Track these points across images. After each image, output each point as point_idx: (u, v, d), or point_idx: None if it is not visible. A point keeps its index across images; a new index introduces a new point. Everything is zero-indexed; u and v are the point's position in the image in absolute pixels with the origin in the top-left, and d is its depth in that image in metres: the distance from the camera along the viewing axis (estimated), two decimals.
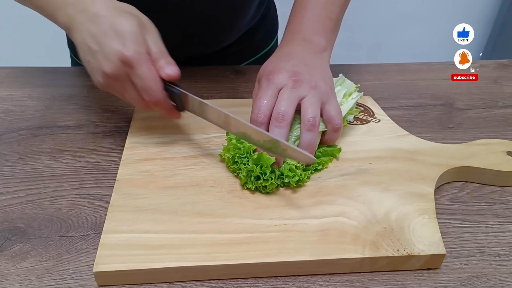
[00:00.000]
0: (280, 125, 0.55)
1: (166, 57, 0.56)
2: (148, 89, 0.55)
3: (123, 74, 0.54)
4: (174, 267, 0.45)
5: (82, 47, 0.55)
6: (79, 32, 0.55)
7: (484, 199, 0.59)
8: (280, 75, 0.59)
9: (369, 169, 0.59)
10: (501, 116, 0.78)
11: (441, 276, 0.48)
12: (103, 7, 0.54)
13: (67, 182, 0.58)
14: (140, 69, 0.54)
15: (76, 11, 0.55)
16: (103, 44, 0.53)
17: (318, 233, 0.49)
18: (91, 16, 0.54)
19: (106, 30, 0.53)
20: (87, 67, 0.57)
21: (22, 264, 0.47)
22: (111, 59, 0.53)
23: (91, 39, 0.53)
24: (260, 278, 0.47)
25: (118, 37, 0.53)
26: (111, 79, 0.55)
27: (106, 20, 0.53)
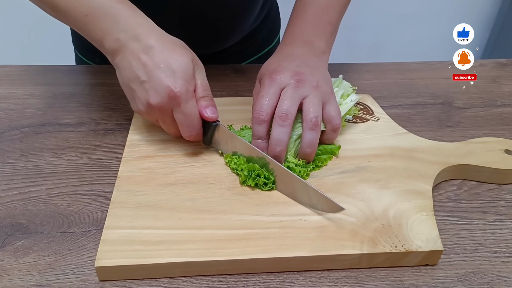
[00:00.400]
0: (283, 124, 0.56)
1: (209, 98, 0.59)
2: (190, 125, 0.58)
3: (167, 108, 0.56)
4: (174, 262, 0.45)
5: (126, 74, 0.56)
6: (126, 58, 0.56)
7: (482, 196, 0.59)
8: (283, 74, 0.59)
9: (367, 167, 0.60)
10: (499, 115, 0.78)
11: (438, 272, 0.48)
12: (158, 39, 0.56)
13: (68, 179, 0.59)
14: (185, 107, 0.56)
15: (128, 38, 0.55)
16: (153, 76, 0.54)
17: (317, 230, 0.49)
18: (145, 47, 0.55)
19: (158, 63, 0.54)
20: (127, 92, 0.59)
21: (24, 259, 0.47)
22: (159, 93, 0.54)
23: (142, 68, 0.55)
24: (259, 274, 0.47)
25: (170, 72, 0.55)
26: (153, 110, 0.57)
27: (161, 54, 0.55)
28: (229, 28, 0.89)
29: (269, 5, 0.99)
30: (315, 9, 0.69)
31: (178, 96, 0.55)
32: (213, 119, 0.59)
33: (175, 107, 0.56)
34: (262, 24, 0.98)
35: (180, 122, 0.58)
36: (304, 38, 0.67)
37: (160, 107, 0.56)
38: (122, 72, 0.57)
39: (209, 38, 0.88)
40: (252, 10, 0.90)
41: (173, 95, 0.54)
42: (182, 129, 0.58)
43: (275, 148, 0.57)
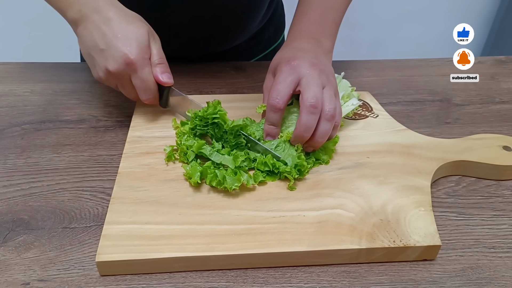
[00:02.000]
0: (314, 111, 0.57)
1: (164, 65, 0.64)
2: (147, 90, 0.63)
3: (124, 74, 0.61)
4: (174, 257, 0.46)
5: (87, 42, 0.61)
6: (87, 29, 0.60)
7: (480, 192, 0.59)
8: (302, 62, 0.60)
9: (366, 163, 0.60)
10: (497, 112, 0.78)
11: (436, 267, 0.49)
12: (116, 12, 0.61)
13: (69, 175, 0.59)
14: (142, 72, 0.61)
15: (89, 10, 0.60)
16: (112, 45, 0.59)
17: (316, 225, 0.50)
18: (105, 18, 0.60)
19: (116, 33, 0.59)
20: (88, 60, 0.63)
21: (26, 254, 0.48)
22: (116, 59, 0.59)
23: (101, 37, 0.59)
24: (258, 269, 0.48)
25: (127, 41, 0.60)
26: (112, 76, 0.61)
27: (119, 25, 0.60)
28: (239, 26, 0.90)
29: (275, 3, 1.00)
30: (321, 8, 0.70)
31: (134, 62, 0.60)
32: (169, 83, 0.65)
33: (132, 73, 0.61)
34: (269, 22, 0.99)
35: (137, 87, 0.63)
36: (311, 35, 0.68)
37: (118, 73, 0.60)
38: (84, 41, 0.61)
39: (219, 36, 0.89)
40: (262, 7, 0.91)
41: (129, 62, 0.59)
42: (140, 94, 0.63)
43: (304, 134, 0.57)
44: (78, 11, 0.60)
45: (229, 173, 0.54)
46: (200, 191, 0.54)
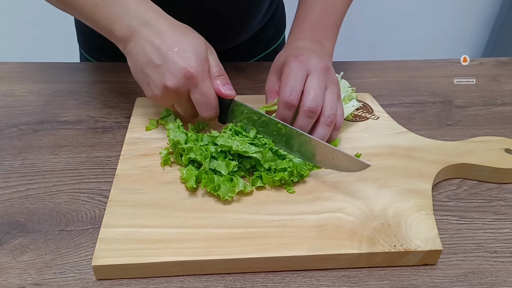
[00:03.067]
0: (312, 116, 0.56)
1: (224, 77, 0.60)
2: (209, 105, 0.59)
3: (184, 90, 0.57)
4: (172, 261, 0.45)
5: (139, 59, 0.57)
6: (139, 44, 0.56)
7: (482, 196, 0.59)
8: (310, 57, 0.59)
9: None
10: (499, 114, 0.78)
11: (437, 272, 0.48)
12: (168, 24, 0.57)
13: (66, 177, 0.58)
14: (202, 86, 0.57)
15: (139, 25, 0.56)
16: (168, 59, 0.55)
17: (315, 229, 0.49)
18: (157, 31, 0.56)
19: (171, 46, 0.55)
20: (140, 79, 0.59)
21: (21, 257, 0.47)
22: (175, 74, 0.55)
23: (156, 52, 0.56)
24: (257, 273, 0.47)
25: (185, 54, 0.56)
26: (170, 93, 0.57)
27: (173, 37, 0.56)
28: (240, 25, 0.89)
29: (276, 2, 0.99)
30: (323, 9, 0.69)
31: (195, 76, 0.56)
32: (231, 96, 0.60)
33: (192, 88, 0.57)
34: (269, 22, 0.98)
35: (198, 102, 0.58)
36: (313, 37, 0.67)
37: (177, 89, 0.56)
38: (135, 58, 0.57)
39: (219, 35, 0.88)
40: (262, 6, 0.91)
41: (189, 76, 0.55)
42: (201, 109, 0.59)
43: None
44: (127, 27, 0.56)
45: (224, 180, 0.53)
46: (199, 194, 0.54)
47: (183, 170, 0.55)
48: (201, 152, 0.55)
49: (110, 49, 0.92)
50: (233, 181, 0.53)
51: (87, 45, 0.95)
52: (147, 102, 0.72)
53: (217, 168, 0.54)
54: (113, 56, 0.92)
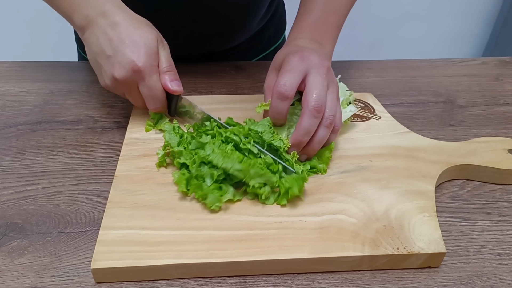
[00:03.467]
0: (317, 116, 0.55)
1: (173, 73, 0.62)
2: (155, 98, 0.61)
3: (131, 82, 0.59)
4: (172, 264, 0.44)
5: (93, 48, 0.59)
6: (94, 34, 0.58)
7: (485, 197, 0.58)
8: (312, 55, 0.58)
9: (368, 167, 0.59)
10: (502, 114, 0.77)
11: (441, 274, 0.47)
12: (124, 16, 0.58)
13: (65, 178, 0.58)
14: (149, 81, 0.59)
15: (95, 15, 0.58)
16: (119, 51, 0.57)
17: (317, 231, 0.49)
18: (112, 23, 0.57)
19: (123, 38, 0.57)
20: (94, 67, 0.61)
21: (19, 260, 0.47)
22: (123, 66, 0.57)
23: (108, 43, 0.57)
24: (258, 276, 0.47)
25: (135, 47, 0.57)
26: (119, 84, 0.59)
27: (126, 30, 0.57)
28: (239, 26, 0.89)
29: (276, 2, 0.98)
30: (325, 9, 0.68)
31: (142, 70, 0.57)
32: (178, 92, 0.62)
33: (139, 81, 0.59)
34: (270, 22, 0.97)
35: (145, 95, 0.60)
36: (314, 36, 0.66)
37: (125, 81, 0.58)
38: (90, 47, 0.59)
39: (219, 36, 0.88)
40: (262, 6, 0.90)
41: (137, 69, 0.57)
42: (148, 102, 0.61)
43: (303, 138, 0.55)
44: (84, 16, 0.58)
45: (212, 188, 0.51)
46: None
47: (176, 173, 0.54)
48: (190, 156, 0.54)
49: None
50: (222, 189, 0.52)
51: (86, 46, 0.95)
52: None
53: (204, 176, 0.52)
54: None
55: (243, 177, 0.51)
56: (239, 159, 0.52)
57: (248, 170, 0.51)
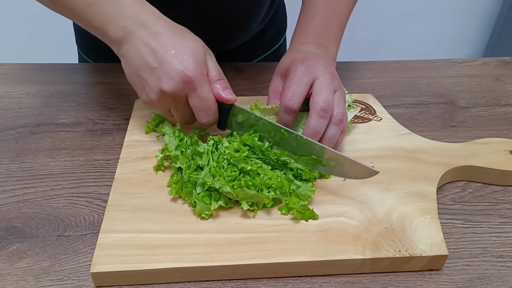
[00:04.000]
0: (325, 116, 0.54)
1: (224, 81, 0.58)
2: (208, 110, 0.56)
3: (181, 94, 0.55)
4: (172, 267, 0.44)
5: (135, 62, 0.55)
6: (134, 46, 0.54)
7: (487, 199, 0.58)
8: (317, 63, 0.58)
9: None
10: (503, 115, 0.77)
11: (443, 277, 0.47)
12: (165, 26, 0.55)
13: (65, 181, 0.57)
14: (201, 91, 0.55)
15: (134, 25, 0.54)
16: (165, 62, 0.53)
17: (318, 233, 0.48)
18: (153, 33, 0.54)
19: (168, 49, 0.53)
20: (135, 82, 0.57)
21: (18, 264, 0.46)
22: (172, 78, 0.53)
23: (152, 55, 0.53)
24: (259, 279, 0.46)
25: (182, 57, 0.53)
26: (167, 97, 0.55)
27: (171, 39, 0.54)
28: (240, 27, 0.88)
29: (277, 3, 0.98)
30: (327, 12, 0.68)
31: (193, 80, 0.53)
32: (232, 100, 0.58)
33: (190, 92, 0.55)
34: (270, 23, 0.97)
35: (196, 107, 0.56)
36: (318, 41, 0.66)
37: (174, 93, 0.54)
38: (130, 61, 0.55)
39: (219, 37, 0.87)
40: (263, 7, 0.89)
41: (187, 80, 0.53)
42: (199, 115, 0.57)
43: (311, 138, 0.55)
44: (122, 28, 0.54)
45: (202, 195, 0.50)
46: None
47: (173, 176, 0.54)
48: (186, 161, 0.53)
49: (108, 50, 0.91)
50: (213, 197, 0.51)
51: (85, 46, 0.95)
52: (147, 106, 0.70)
53: (197, 183, 0.52)
54: (112, 57, 0.91)
55: (233, 198, 0.50)
56: (232, 177, 0.51)
57: (237, 192, 0.49)
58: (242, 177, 0.51)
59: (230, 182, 0.50)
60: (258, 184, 0.51)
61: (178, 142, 0.56)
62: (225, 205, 0.51)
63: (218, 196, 0.51)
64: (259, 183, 0.51)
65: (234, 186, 0.49)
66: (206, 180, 0.50)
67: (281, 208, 0.51)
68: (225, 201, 0.51)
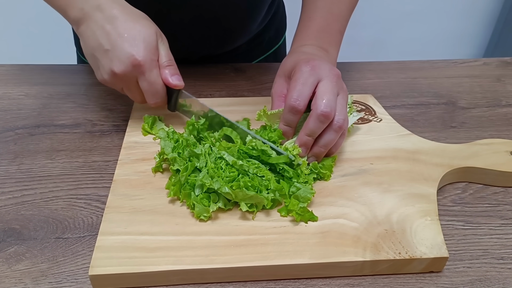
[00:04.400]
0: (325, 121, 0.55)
1: (174, 67, 0.61)
2: (156, 93, 0.60)
3: (131, 76, 0.58)
4: (171, 270, 0.44)
5: (90, 43, 0.57)
6: (90, 28, 0.57)
7: (487, 200, 0.58)
8: (322, 64, 0.58)
9: (370, 170, 0.58)
10: (504, 115, 0.77)
11: (443, 279, 0.47)
12: (121, 10, 0.57)
13: (63, 182, 0.57)
14: (149, 75, 0.58)
15: (91, 8, 0.57)
16: (117, 45, 0.56)
17: (318, 235, 0.48)
18: (108, 16, 0.56)
19: (122, 32, 0.56)
20: (91, 62, 0.60)
21: (17, 266, 0.46)
22: (123, 61, 0.56)
23: (105, 37, 0.56)
24: (258, 281, 0.46)
25: (134, 42, 0.56)
26: (117, 78, 0.58)
27: (125, 23, 0.56)
28: (239, 28, 0.88)
29: (276, 4, 0.98)
30: (328, 15, 0.68)
31: (142, 64, 0.56)
32: (179, 86, 0.61)
33: (139, 76, 0.58)
34: (270, 24, 0.97)
35: (145, 90, 0.60)
36: (319, 43, 0.66)
37: (124, 75, 0.57)
38: (86, 41, 0.58)
39: (219, 38, 0.87)
40: (262, 8, 0.89)
41: (136, 64, 0.56)
42: (148, 97, 0.61)
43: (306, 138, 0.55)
44: (80, 10, 0.57)
45: (200, 197, 0.50)
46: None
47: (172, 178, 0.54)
48: (184, 163, 0.53)
49: None
50: (211, 199, 0.50)
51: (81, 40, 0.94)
52: (145, 105, 0.70)
53: (194, 185, 0.51)
54: None
55: (232, 199, 0.50)
56: (230, 178, 0.51)
57: (236, 193, 0.49)
58: (241, 178, 0.51)
59: (229, 183, 0.50)
60: (257, 185, 0.51)
61: (173, 143, 0.56)
62: (224, 206, 0.50)
63: (217, 197, 0.51)
64: (258, 184, 0.51)
65: (233, 186, 0.49)
66: (205, 181, 0.50)
67: (281, 210, 0.51)
68: (224, 203, 0.50)
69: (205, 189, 0.50)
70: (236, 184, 0.49)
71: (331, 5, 0.69)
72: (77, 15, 0.58)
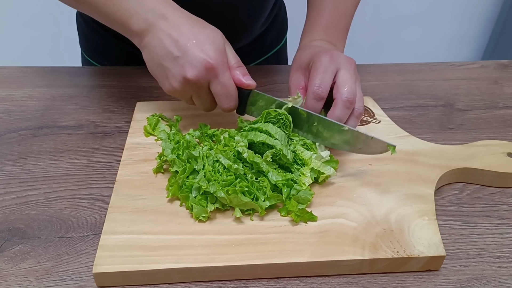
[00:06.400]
0: (350, 107, 0.58)
1: (243, 68, 0.61)
2: (229, 95, 0.59)
3: (203, 81, 0.57)
4: (173, 268, 0.45)
5: (158, 52, 0.57)
6: (157, 37, 0.56)
7: (484, 200, 0.58)
8: (339, 54, 0.61)
9: (368, 170, 0.59)
10: (501, 117, 0.77)
11: (440, 278, 0.48)
12: (185, 18, 0.58)
13: (67, 183, 0.58)
14: (223, 77, 0.57)
15: (155, 18, 0.57)
16: (187, 51, 0.55)
17: (317, 235, 0.49)
18: (174, 24, 0.57)
19: (190, 38, 0.56)
20: (158, 72, 0.59)
21: (21, 265, 0.47)
22: (195, 65, 0.55)
23: (174, 44, 0.56)
24: (259, 280, 0.47)
25: (204, 46, 0.56)
26: (190, 85, 0.57)
27: (191, 30, 0.57)
28: (242, 29, 0.89)
29: (278, 5, 0.99)
30: (336, 12, 0.71)
31: (215, 67, 0.56)
32: (252, 86, 0.60)
33: (212, 79, 0.57)
34: (272, 25, 0.98)
35: (218, 93, 0.59)
36: (328, 39, 0.69)
37: (197, 81, 0.56)
38: (153, 51, 0.57)
39: None
40: (265, 10, 0.91)
41: (210, 67, 0.56)
42: (221, 101, 0.59)
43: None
44: (144, 20, 0.57)
45: (198, 199, 0.51)
46: None
47: (171, 179, 0.54)
48: (182, 165, 0.54)
49: (111, 52, 0.92)
50: (209, 200, 0.51)
51: (89, 48, 0.95)
52: (147, 106, 0.71)
53: (193, 187, 0.52)
54: (115, 60, 0.92)
55: (227, 203, 0.51)
56: (227, 182, 0.51)
57: (231, 198, 0.50)
58: (238, 182, 0.52)
59: (225, 187, 0.51)
60: (254, 191, 0.51)
61: (174, 145, 0.57)
62: (221, 207, 0.51)
63: (214, 198, 0.52)
64: (256, 190, 0.52)
65: (229, 191, 0.50)
66: (201, 184, 0.50)
67: (281, 210, 0.52)
68: (221, 204, 0.51)
69: (202, 191, 0.51)
70: (232, 188, 0.50)
71: (338, 2, 0.72)
72: (142, 26, 0.57)
